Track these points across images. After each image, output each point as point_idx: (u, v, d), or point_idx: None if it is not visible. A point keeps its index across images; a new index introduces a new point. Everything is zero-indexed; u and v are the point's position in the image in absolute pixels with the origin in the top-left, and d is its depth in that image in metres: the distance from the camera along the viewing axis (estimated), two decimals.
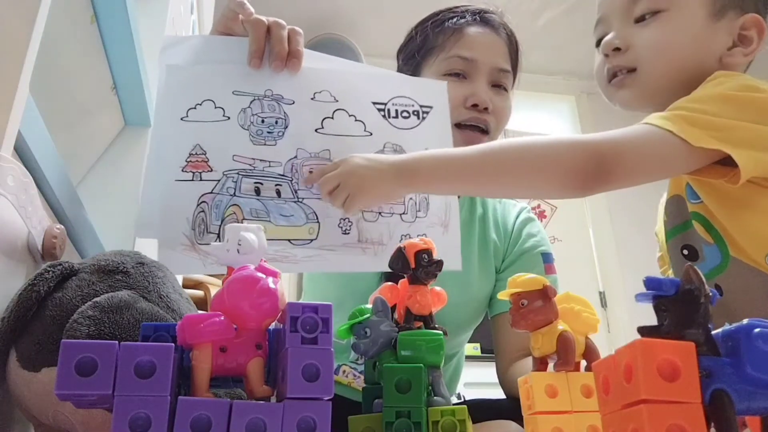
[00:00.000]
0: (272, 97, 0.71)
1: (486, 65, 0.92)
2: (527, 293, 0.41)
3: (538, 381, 0.39)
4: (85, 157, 0.96)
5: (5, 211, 0.51)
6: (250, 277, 0.37)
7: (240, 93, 0.70)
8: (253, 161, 0.68)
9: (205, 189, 0.66)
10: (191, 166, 0.65)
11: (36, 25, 0.52)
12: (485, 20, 0.96)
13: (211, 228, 0.64)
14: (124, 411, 0.32)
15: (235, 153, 0.68)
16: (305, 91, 0.73)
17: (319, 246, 0.69)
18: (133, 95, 0.98)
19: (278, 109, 0.71)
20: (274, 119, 0.71)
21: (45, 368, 0.47)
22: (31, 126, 0.55)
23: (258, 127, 0.69)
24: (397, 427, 0.39)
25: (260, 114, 0.70)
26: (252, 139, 0.69)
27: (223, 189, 0.66)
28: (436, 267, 0.46)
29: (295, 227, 0.68)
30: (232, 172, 0.67)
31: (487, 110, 0.91)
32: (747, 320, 0.30)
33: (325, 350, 0.36)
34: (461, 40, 0.94)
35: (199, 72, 0.69)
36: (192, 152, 0.66)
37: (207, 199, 0.65)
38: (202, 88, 0.68)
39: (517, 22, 0.99)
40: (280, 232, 0.67)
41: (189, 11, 1.45)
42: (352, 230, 0.71)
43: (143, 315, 0.50)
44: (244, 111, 0.69)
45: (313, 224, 0.69)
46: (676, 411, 0.28)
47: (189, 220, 0.64)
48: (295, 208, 0.69)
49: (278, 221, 0.67)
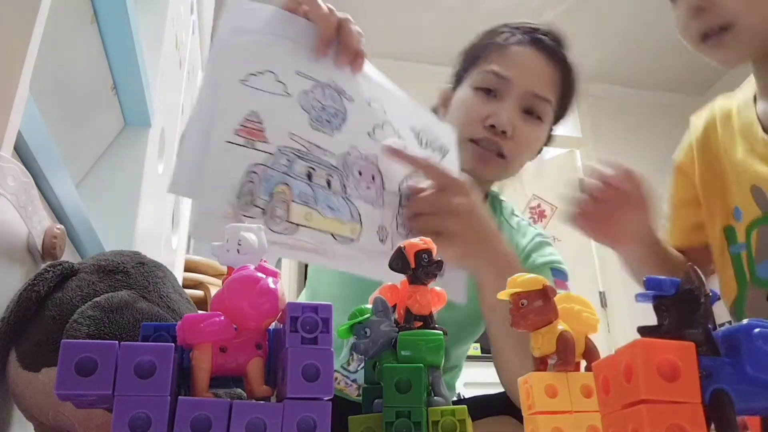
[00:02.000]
0: (335, 88, 0.70)
1: (520, 87, 0.87)
2: (527, 293, 0.41)
3: (538, 381, 0.39)
4: (85, 157, 0.96)
5: (5, 211, 0.51)
6: (250, 277, 0.37)
7: (303, 75, 0.67)
8: (309, 144, 0.66)
9: (257, 159, 0.62)
10: (245, 132, 0.61)
11: (36, 25, 0.52)
12: (536, 41, 0.90)
13: (257, 201, 0.60)
14: (124, 411, 0.32)
15: (293, 131, 0.65)
16: (363, 93, 0.73)
17: (359, 248, 0.67)
18: (133, 95, 0.98)
19: (339, 102, 0.70)
20: (334, 110, 0.69)
21: (45, 368, 0.47)
22: (31, 126, 0.55)
23: (318, 113, 0.67)
24: (397, 427, 0.39)
25: (322, 101, 0.68)
26: (311, 123, 0.67)
27: (276, 164, 0.63)
28: (436, 267, 0.46)
29: (340, 222, 0.66)
30: (287, 150, 0.64)
31: (505, 134, 0.86)
32: (747, 320, 0.30)
33: (325, 350, 0.36)
34: (502, 57, 0.89)
35: (266, 41, 0.66)
36: (248, 118, 0.62)
37: (258, 170, 0.61)
38: (265, 57, 0.65)
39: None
40: (325, 224, 0.65)
41: (189, 11, 1.45)
42: (387, 240, 0.70)
43: (143, 315, 0.50)
44: (306, 93, 0.67)
45: (356, 225, 0.67)
46: (676, 411, 0.28)
47: (235, 186, 0.60)
48: (342, 203, 0.67)
49: (325, 212, 0.65)
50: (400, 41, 3.43)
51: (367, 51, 0.72)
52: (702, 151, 0.89)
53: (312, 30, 0.69)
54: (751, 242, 0.79)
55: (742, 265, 0.81)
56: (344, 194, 0.67)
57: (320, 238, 0.64)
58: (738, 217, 0.81)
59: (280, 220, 0.61)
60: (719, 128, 0.86)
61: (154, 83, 1.05)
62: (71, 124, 0.87)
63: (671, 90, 3.78)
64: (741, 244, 0.81)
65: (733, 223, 0.83)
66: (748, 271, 0.80)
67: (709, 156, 0.87)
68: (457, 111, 0.92)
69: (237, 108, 0.62)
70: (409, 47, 3.48)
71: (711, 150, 0.87)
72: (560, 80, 0.91)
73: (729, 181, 0.83)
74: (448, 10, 3.19)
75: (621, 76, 3.57)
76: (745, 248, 0.80)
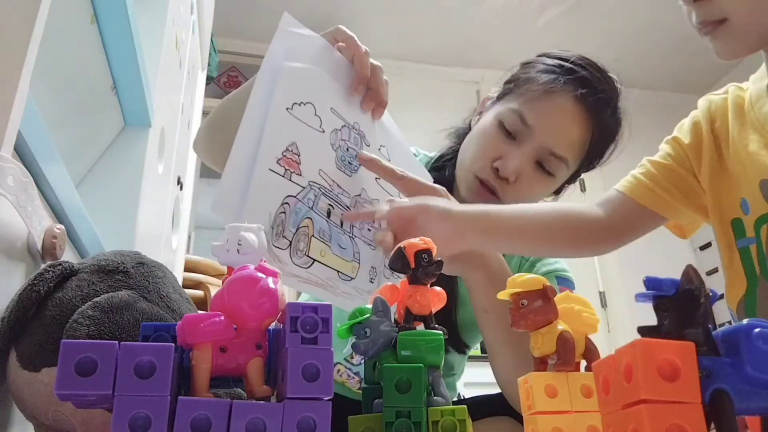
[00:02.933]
0: (358, 131, 0.72)
1: (539, 140, 0.84)
2: (527, 293, 0.41)
3: (538, 381, 0.39)
4: (85, 157, 0.96)
5: (5, 211, 0.51)
6: (250, 277, 0.37)
7: (336, 113, 0.69)
8: (332, 183, 0.68)
9: (291, 191, 0.63)
10: (285, 162, 0.62)
11: (36, 25, 0.52)
12: (582, 97, 0.84)
13: (286, 233, 0.61)
14: (124, 411, 0.32)
15: (322, 168, 0.67)
16: (377, 138, 0.75)
17: (354, 287, 0.69)
18: (133, 95, 0.98)
19: (360, 145, 0.72)
20: (355, 154, 0.71)
21: (45, 368, 0.47)
22: (31, 126, 0.55)
23: (343, 153, 0.70)
24: (397, 427, 0.39)
25: (347, 142, 0.70)
26: (337, 162, 0.69)
27: (306, 198, 0.64)
28: (436, 267, 0.46)
29: (345, 261, 0.68)
30: (315, 185, 0.66)
31: (507, 181, 0.84)
32: (747, 320, 0.30)
33: (325, 350, 0.36)
34: (537, 100, 0.84)
35: (313, 73, 0.67)
36: (289, 148, 0.63)
37: (290, 202, 0.62)
38: (310, 89, 0.66)
39: (517, 22, 0.97)
40: (335, 261, 0.67)
41: (189, 11, 1.45)
42: (375, 281, 0.72)
43: (143, 315, 0.50)
44: (336, 132, 0.69)
45: (356, 264, 0.69)
46: (676, 411, 0.28)
47: (271, 215, 0.60)
48: (348, 243, 0.69)
49: (335, 249, 0.67)
50: (400, 41, 3.43)
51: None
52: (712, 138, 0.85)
53: (346, 68, 0.71)
54: (761, 236, 0.78)
55: (751, 259, 0.80)
56: (351, 234, 0.69)
57: (328, 274, 0.66)
58: (746, 210, 0.80)
59: (302, 254, 0.62)
60: (731, 119, 0.84)
61: (154, 83, 1.05)
62: (71, 124, 0.87)
63: (672, 90, 3.78)
64: (750, 238, 0.80)
65: (741, 215, 0.81)
66: (758, 265, 0.79)
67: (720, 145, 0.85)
68: (474, 138, 0.91)
69: (282, 136, 0.63)
70: (409, 47, 3.48)
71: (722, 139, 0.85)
72: (591, 141, 0.87)
73: (738, 174, 0.81)
74: (448, 10, 3.19)
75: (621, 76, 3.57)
76: (755, 242, 0.80)
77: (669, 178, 0.86)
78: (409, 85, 3.45)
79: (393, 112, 0.80)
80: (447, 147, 1.00)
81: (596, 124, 0.86)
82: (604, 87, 0.87)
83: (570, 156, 0.86)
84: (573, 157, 0.86)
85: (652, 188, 0.85)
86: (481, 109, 0.97)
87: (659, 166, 0.87)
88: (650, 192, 0.85)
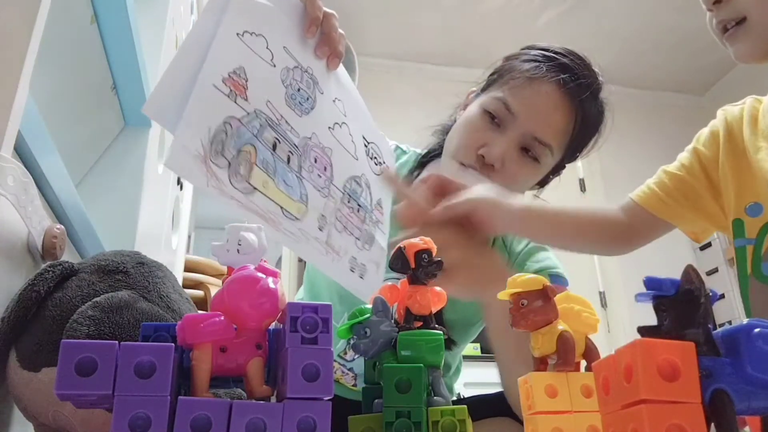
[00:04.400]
0: (311, 76, 0.73)
1: (523, 126, 0.85)
2: (527, 293, 0.41)
3: (538, 381, 0.39)
4: (85, 157, 0.96)
5: (5, 211, 0.51)
6: (250, 277, 0.37)
7: (288, 52, 0.70)
8: (280, 118, 0.68)
9: (235, 112, 0.62)
10: (231, 83, 0.62)
11: (36, 25, 0.52)
12: (564, 82, 0.86)
13: (225, 152, 0.61)
14: (124, 411, 0.32)
15: (270, 100, 0.67)
16: (332, 90, 0.76)
17: (299, 228, 0.69)
18: (133, 95, 0.98)
19: (312, 90, 0.73)
20: (307, 96, 0.72)
21: (45, 368, 0.47)
22: (31, 126, 0.55)
23: (293, 92, 0.70)
24: (397, 427, 0.39)
25: (299, 83, 0.71)
26: (286, 98, 0.69)
27: (250, 124, 0.64)
28: (436, 267, 0.46)
29: (290, 198, 0.68)
30: (262, 114, 0.65)
31: (493, 167, 0.85)
32: (747, 320, 0.30)
33: (325, 350, 0.36)
34: (520, 88, 0.86)
35: (267, 8, 0.68)
36: (236, 70, 0.63)
37: (232, 123, 0.62)
38: (263, 21, 0.67)
39: (517, 22, 0.97)
40: (278, 196, 0.66)
41: (189, 11, 1.45)
42: (324, 230, 0.72)
43: (143, 315, 0.50)
44: (288, 70, 0.69)
45: (302, 205, 0.69)
46: (676, 411, 0.28)
47: (210, 131, 0.60)
48: (295, 182, 0.69)
49: (280, 185, 0.66)
50: (400, 41, 3.43)
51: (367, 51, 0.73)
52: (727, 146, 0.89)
53: (300, 10, 0.71)
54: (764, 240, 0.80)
55: (745, 259, 0.82)
56: (299, 174, 0.69)
57: (271, 207, 0.65)
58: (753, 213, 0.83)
59: (242, 179, 0.62)
60: (745, 127, 0.87)
61: (154, 83, 1.05)
62: (71, 124, 0.87)
63: (671, 90, 3.78)
64: (749, 239, 0.82)
65: (743, 217, 0.84)
66: (751, 265, 0.81)
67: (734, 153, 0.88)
68: (459, 127, 0.92)
69: (229, 58, 0.62)
70: (409, 47, 3.48)
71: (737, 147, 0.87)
72: (574, 128, 0.88)
73: (747, 179, 0.84)
74: (448, 10, 3.19)
75: (621, 76, 3.57)
76: (753, 243, 0.82)
77: (680, 188, 0.91)
78: (409, 85, 3.45)
79: (393, 112, 0.80)
80: (434, 143, 1.01)
81: (579, 111, 0.87)
82: (585, 73, 0.88)
83: (554, 142, 0.87)
84: (557, 143, 0.88)
85: (662, 198, 0.91)
86: (465, 103, 0.98)
87: (671, 177, 0.92)
88: (660, 202, 0.91)
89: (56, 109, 0.80)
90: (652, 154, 3.76)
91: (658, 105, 3.73)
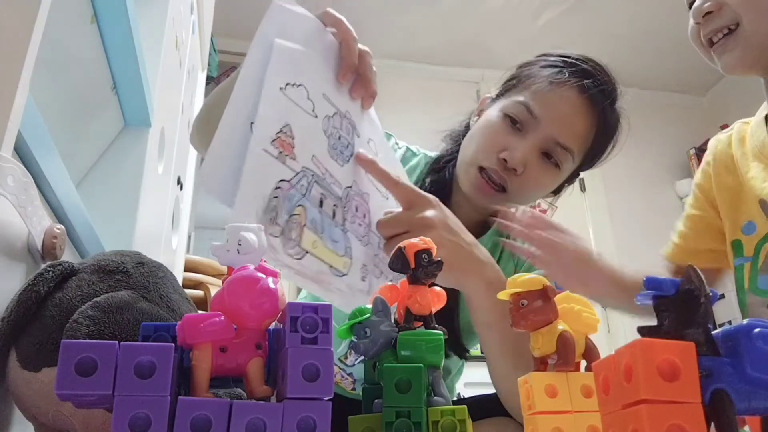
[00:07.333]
0: (350, 121, 0.70)
1: (545, 131, 0.85)
2: (527, 293, 0.41)
3: (538, 381, 0.39)
4: (85, 157, 0.96)
5: (5, 211, 0.51)
6: (250, 277, 0.37)
7: (328, 99, 0.67)
8: (325, 171, 0.65)
9: (285, 175, 0.59)
10: (280, 143, 0.59)
11: (36, 25, 0.52)
12: (586, 88, 0.86)
13: (278, 219, 0.58)
14: (124, 411, 0.32)
15: (315, 154, 0.64)
16: (365, 131, 0.73)
17: (346, 284, 0.66)
18: (133, 95, 0.98)
19: (351, 135, 0.70)
20: (347, 143, 0.69)
21: (45, 368, 0.47)
22: (31, 126, 0.55)
23: (335, 142, 0.67)
24: (397, 427, 0.39)
25: (339, 130, 0.68)
26: (329, 149, 0.66)
27: (299, 184, 0.61)
28: (436, 267, 0.46)
29: (337, 255, 0.65)
30: (308, 172, 0.62)
31: (515, 171, 0.85)
32: (747, 320, 0.30)
33: (325, 350, 0.36)
34: (542, 93, 0.86)
35: (306, 54, 0.64)
36: (283, 129, 0.60)
37: (283, 186, 0.59)
38: (302, 71, 0.63)
39: (517, 22, 0.97)
40: (326, 255, 0.63)
41: (189, 11, 1.45)
42: (366, 279, 0.70)
43: (143, 315, 0.50)
44: (328, 119, 0.66)
45: (348, 259, 0.66)
46: (676, 411, 0.28)
47: (265, 199, 0.57)
48: (341, 236, 0.66)
49: (327, 242, 0.64)
50: (400, 41, 3.43)
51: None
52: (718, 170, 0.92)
53: (338, 53, 0.68)
54: (760, 255, 0.81)
55: (742, 276, 0.83)
56: (343, 227, 0.66)
57: (320, 267, 0.63)
58: (748, 231, 0.84)
59: (294, 244, 0.59)
60: (734, 150, 0.89)
61: (154, 83, 1.05)
62: (71, 124, 0.87)
63: (671, 90, 3.78)
64: (747, 257, 0.83)
65: (740, 237, 0.85)
66: (748, 280, 0.82)
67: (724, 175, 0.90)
68: (479, 131, 0.91)
69: (277, 116, 0.60)
70: (409, 47, 3.48)
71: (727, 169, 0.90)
72: (594, 134, 0.88)
73: (740, 199, 0.85)
74: (448, 10, 3.19)
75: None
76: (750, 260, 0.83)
77: (696, 228, 0.97)
78: (409, 85, 3.45)
79: (393, 112, 0.80)
80: (444, 149, 1.00)
81: (599, 117, 0.87)
82: (606, 79, 0.89)
83: (575, 147, 0.87)
84: (578, 148, 0.87)
85: (685, 247, 0.97)
86: (481, 108, 0.97)
87: (687, 220, 0.98)
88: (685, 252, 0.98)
89: (56, 109, 0.80)
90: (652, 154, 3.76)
91: (658, 105, 3.73)
